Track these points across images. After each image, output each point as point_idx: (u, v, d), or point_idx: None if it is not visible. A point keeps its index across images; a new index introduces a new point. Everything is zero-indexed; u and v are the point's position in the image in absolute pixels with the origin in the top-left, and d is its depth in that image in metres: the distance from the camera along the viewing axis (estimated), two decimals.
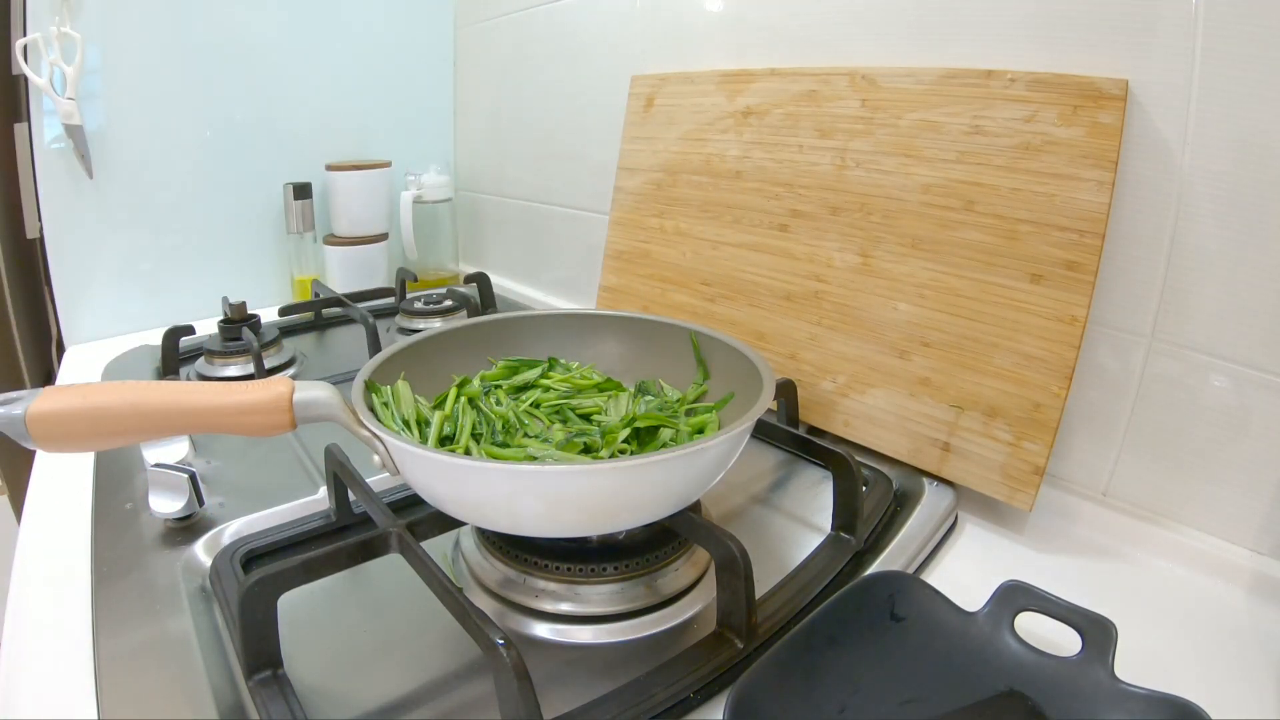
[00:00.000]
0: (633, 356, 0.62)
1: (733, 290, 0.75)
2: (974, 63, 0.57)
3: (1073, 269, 0.52)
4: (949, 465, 0.59)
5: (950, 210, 0.58)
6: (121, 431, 0.42)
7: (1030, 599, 0.41)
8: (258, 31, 1.06)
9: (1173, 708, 0.35)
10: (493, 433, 0.51)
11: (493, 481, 0.40)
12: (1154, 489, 0.55)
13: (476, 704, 0.40)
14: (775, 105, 0.71)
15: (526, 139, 1.13)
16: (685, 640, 0.44)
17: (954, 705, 0.39)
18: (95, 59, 0.93)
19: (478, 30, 1.20)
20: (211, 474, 0.62)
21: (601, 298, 0.90)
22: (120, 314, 1.02)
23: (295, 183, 1.09)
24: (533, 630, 0.45)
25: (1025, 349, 0.54)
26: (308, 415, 0.44)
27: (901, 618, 0.43)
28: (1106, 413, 0.56)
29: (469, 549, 0.51)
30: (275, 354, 0.88)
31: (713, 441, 0.42)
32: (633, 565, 0.47)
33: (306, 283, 1.11)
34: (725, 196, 0.75)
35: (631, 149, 0.87)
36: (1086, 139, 0.51)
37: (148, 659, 0.42)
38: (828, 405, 0.67)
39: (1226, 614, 0.48)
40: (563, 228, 1.09)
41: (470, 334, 0.61)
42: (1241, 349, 0.49)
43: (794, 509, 0.59)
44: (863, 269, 0.64)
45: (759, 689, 0.37)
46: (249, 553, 0.51)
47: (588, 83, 0.99)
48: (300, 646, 0.43)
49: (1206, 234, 0.49)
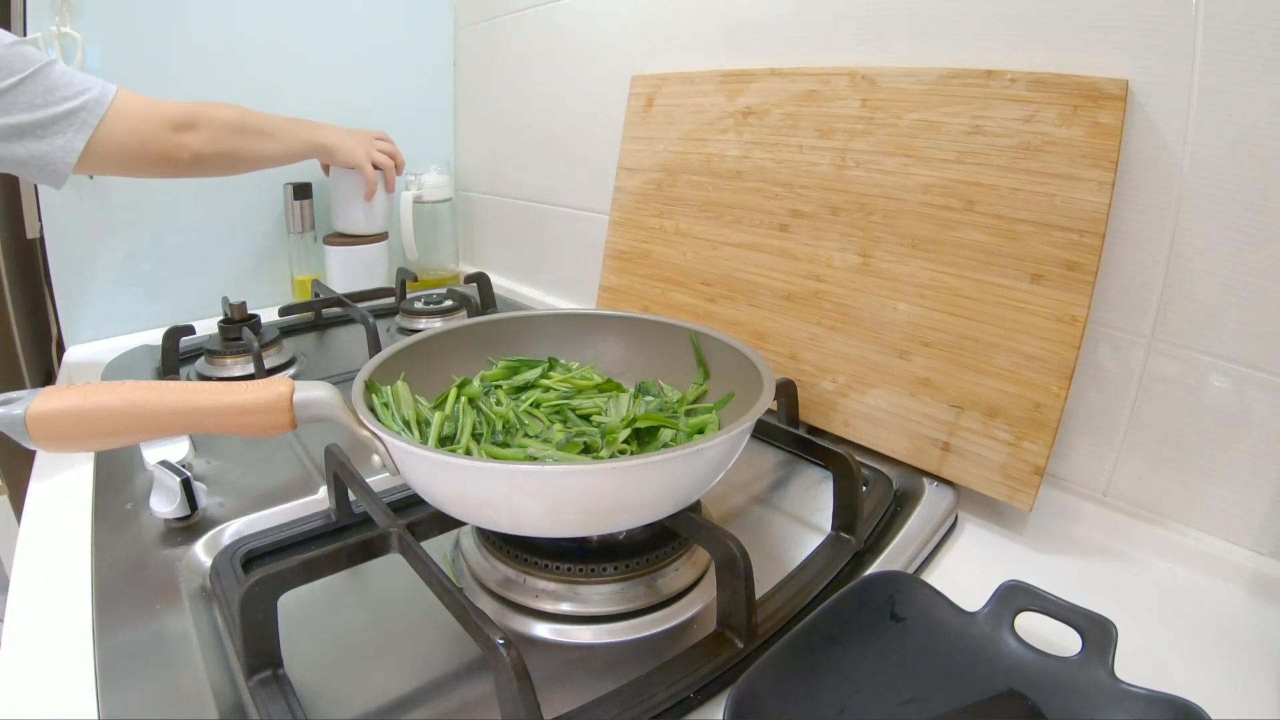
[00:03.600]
0: (633, 356, 0.62)
1: (733, 290, 0.75)
2: (974, 63, 0.57)
3: (1073, 269, 0.52)
4: (949, 465, 0.59)
5: (950, 210, 0.58)
6: (121, 431, 0.42)
7: (1030, 599, 0.41)
8: (258, 31, 1.05)
9: (1173, 708, 0.35)
10: (493, 433, 0.51)
11: (493, 481, 0.40)
12: (1154, 489, 0.55)
13: (476, 704, 0.40)
14: (775, 105, 0.71)
15: (526, 139, 1.13)
16: (685, 640, 0.44)
17: (954, 705, 0.39)
18: (95, 59, 0.93)
19: (478, 30, 1.20)
20: (211, 474, 0.62)
21: (601, 298, 0.90)
22: (120, 314, 1.02)
23: (295, 183, 1.09)
24: (533, 630, 0.45)
25: (1025, 349, 0.54)
26: (308, 415, 0.44)
27: (901, 618, 0.43)
28: (1106, 413, 0.56)
29: (469, 549, 0.51)
30: (275, 354, 0.88)
31: (713, 442, 0.42)
32: (633, 565, 0.47)
33: (306, 283, 1.11)
34: (725, 196, 0.75)
35: (631, 149, 0.87)
36: (1086, 139, 0.51)
37: (148, 659, 0.42)
38: (828, 405, 0.67)
39: (1226, 614, 0.48)
40: (563, 228, 1.09)
41: (470, 334, 0.61)
42: (1241, 349, 0.49)
43: (794, 509, 0.59)
44: (863, 269, 0.64)
45: (759, 689, 0.37)
46: (249, 553, 0.51)
47: (588, 83, 0.99)
48: (300, 646, 0.43)
49: (1206, 234, 0.49)
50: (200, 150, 0.80)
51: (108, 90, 0.72)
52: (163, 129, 0.77)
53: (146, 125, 0.75)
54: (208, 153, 0.81)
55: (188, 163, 0.80)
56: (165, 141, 0.77)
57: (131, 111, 0.74)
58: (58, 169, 0.70)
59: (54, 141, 0.69)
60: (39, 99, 0.68)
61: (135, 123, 0.74)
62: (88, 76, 0.72)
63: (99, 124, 0.71)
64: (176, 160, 0.79)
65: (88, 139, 0.70)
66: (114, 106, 0.72)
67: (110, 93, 0.72)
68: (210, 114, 0.81)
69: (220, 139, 0.82)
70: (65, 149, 0.70)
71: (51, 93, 0.69)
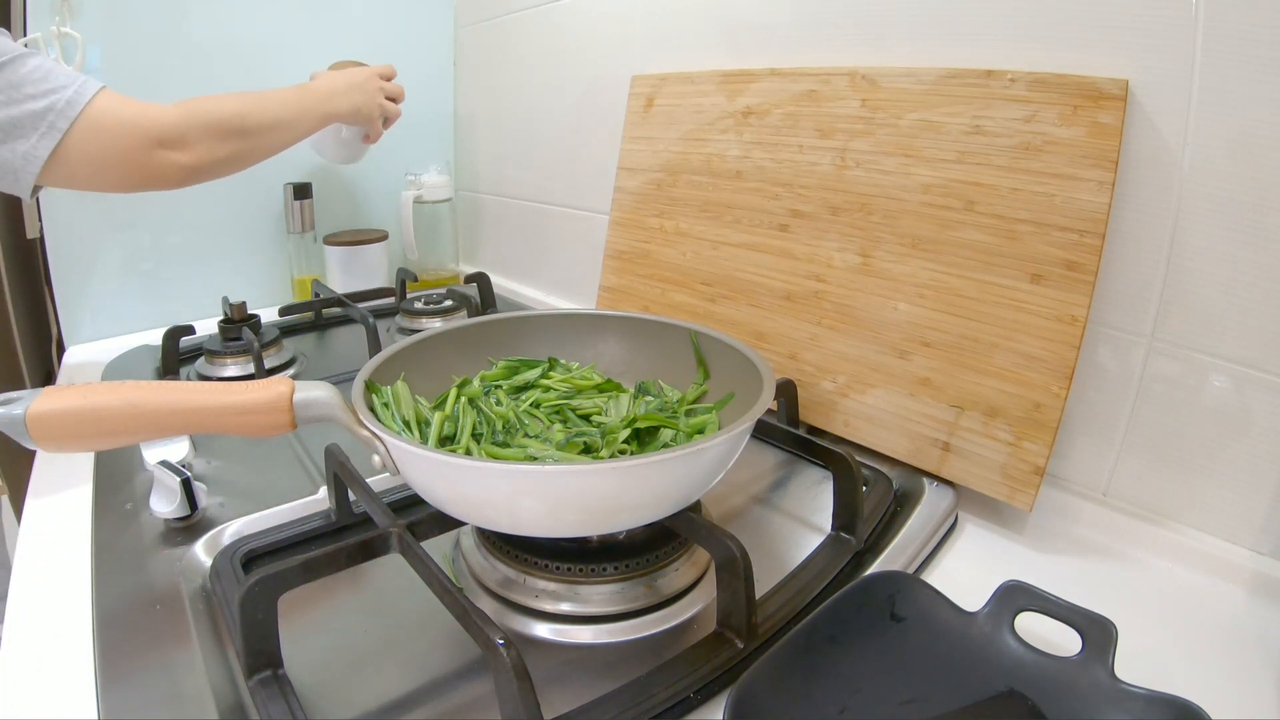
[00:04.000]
0: (633, 356, 0.62)
1: (733, 290, 0.75)
2: (974, 63, 0.57)
3: (1073, 269, 0.52)
4: (949, 465, 0.59)
5: (950, 210, 0.58)
6: (121, 431, 0.42)
7: (1030, 599, 0.41)
8: (258, 31, 1.05)
9: (1173, 708, 0.35)
10: (493, 433, 0.51)
11: (493, 481, 0.40)
12: (1154, 489, 0.55)
13: (476, 704, 0.40)
14: (775, 105, 0.71)
15: (526, 139, 1.13)
16: (685, 640, 0.44)
17: (954, 705, 0.39)
18: (95, 59, 0.93)
19: (478, 30, 1.20)
20: (211, 474, 0.62)
21: (601, 298, 0.90)
22: (120, 314, 1.02)
23: (295, 183, 1.09)
24: (533, 630, 0.45)
25: (1025, 349, 0.54)
26: (308, 415, 0.44)
27: (901, 618, 0.43)
28: (1106, 413, 0.56)
29: (469, 549, 0.51)
30: (275, 354, 0.88)
31: (712, 442, 0.42)
32: (633, 565, 0.47)
33: (306, 283, 1.11)
34: (725, 196, 0.75)
35: (632, 149, 0.87)
36: (1086, 139, 0.51)
37: (148, 659, 0.42)
38: (828, 405, 0.67)
39: (1226, 614, 0.48)
40: (563, 228, 1.09)
41: (470, 334, 0.61)
42: (1241, 349, 0.49)
43: (794, 509, 0.59)
44: (863, 269, 0.64)
45: (759, 689, 0.37)
46: (249, 553, 0.51)
47: (588, 83, 0.99)
48: (300, 646, 0.43)
49: (1206, 234, 0.49)
50: (194, 166, 0.70)
51: (84, 91, 0.62)
52: (146, 144, 0.66)
53: (127, 138, 0.65)
54: (205, 165, 0.71)
55: (179, 181, 0.70)
56: (149, 159, 0.66)
57: (110, 119, 0.63)
58: (19, 178, 0.61)
59: (14, 147, 0.60)
60: (2, 95, 0.59)
61: (113, 133, 0.64)
62: (67, 73, 0.63)
63: (69, 130, 0.61)
64: (164, 179, 0.69)
65: (53, 146, 0.61)
66: (89, 111, 0.62)
67: (87, 94, 0.62)
68: (204, 119, 0.70)
69: (215, 150, 0.72)
70: (27, 156, 0.60)
71: (17, 89, 0.59)
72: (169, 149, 0.67)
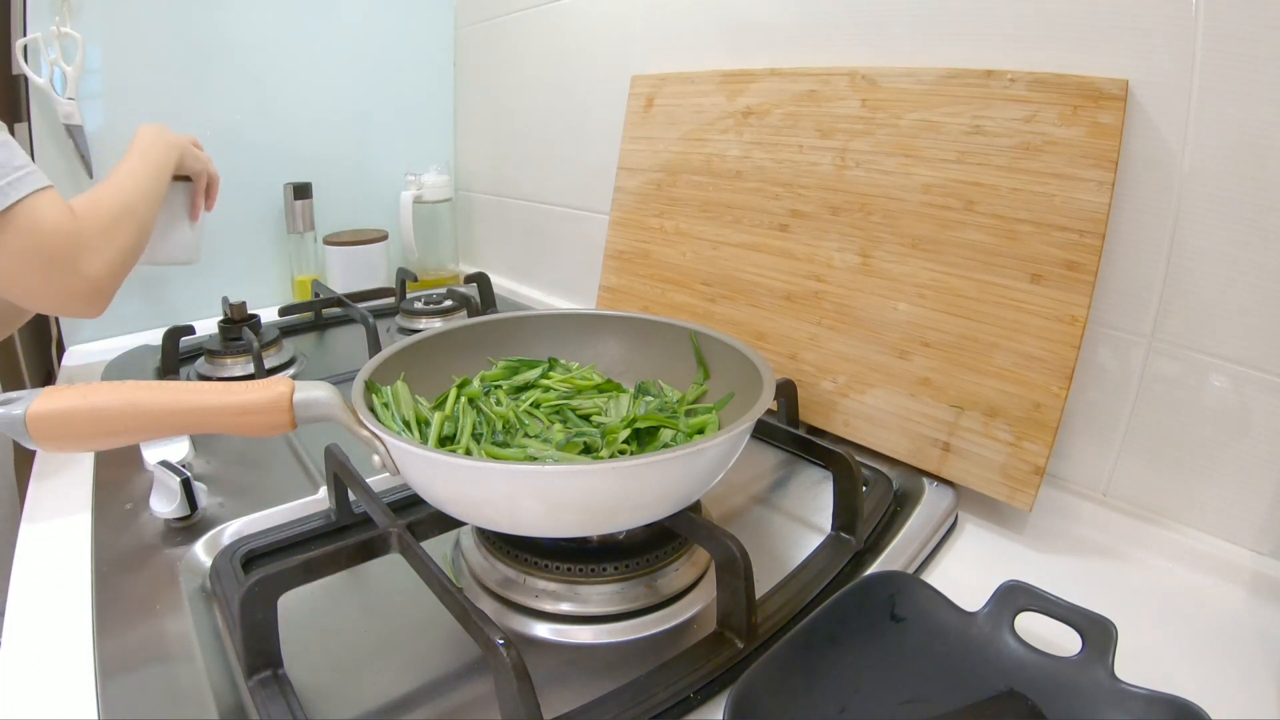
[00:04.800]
0: (633, 356, 0.62)
1: (733, 290, 0.75)
2: (974, 63, 0.57)
3: (1073, 269, 0.52)
4: (949, 465, 0.59)
5: (950, 210, 0.58)
6: (121, 431, 0.42)
7: (1030, 599, 0.41)
8: (258, 31, 1.05)
9: (1173, 708, 0.35)
10: (493, 433, 0.51)
11: (493, 481, 0.40)
12: (1154, 489, 0.55)
13: (476, 704, 0.40)
14: (775, 105, 0.71)
15: (526, 139, 1.13)
16: (685, 640, 0.44)
17: (954, 705, 0.39)
18: (95, 59, 0.93)
19: (478, 30, 1.20)
20: (211, 474, 0.62)
21: (601, 298, 0.90)
22: (120, 314, 1.01)
23: (295, 183, 1.09)
24: (533, 630, 0.45)
25: (1025, 349, 0.54)
26: (308, 415, 0.44)
27: (901, 618, 0.43)
28: (1106, 413, 0.56)
29: (469, 549, 0.51)
30: (275, 354, 0.88)
31: (712, 442, 0.42)
32: (633, 565, 0.47)
33: (306, 283, 1.11)
34: (725, 196, 0.75)
35: (631, 149, 0.87)
36: (1086, 139, 0.51)
37: (148, 659, 0.42)
38: (828, 405, 0.67)
39: (1226, 614, 0.48)
40: (563, 228, 1.09)
41: (470, 334, 0.61)
42: (1241, 349, 0.49)
43: (794, 509, 0.59)
44: (863, 269, 0.64)
45: (759, 689, 0.37)
46: (249, 553, 0.51)
47: (588, 83, 0.99)
48: (300, 646, 0.43)
49: (1206, 234, 0.49)
50: (110, 262, 0.61)
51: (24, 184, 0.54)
52: (72, 250, 0.57)
53: (55, 239, 0.56)
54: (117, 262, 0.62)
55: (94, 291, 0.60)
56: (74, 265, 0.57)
57: (43, 216, 0.55)
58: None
59: None
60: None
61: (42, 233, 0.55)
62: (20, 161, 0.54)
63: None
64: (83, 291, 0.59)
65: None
66: (23, 204, 0.53)
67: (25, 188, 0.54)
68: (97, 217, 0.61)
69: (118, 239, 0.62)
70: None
71: None
72: (88, 252, 0.59)
